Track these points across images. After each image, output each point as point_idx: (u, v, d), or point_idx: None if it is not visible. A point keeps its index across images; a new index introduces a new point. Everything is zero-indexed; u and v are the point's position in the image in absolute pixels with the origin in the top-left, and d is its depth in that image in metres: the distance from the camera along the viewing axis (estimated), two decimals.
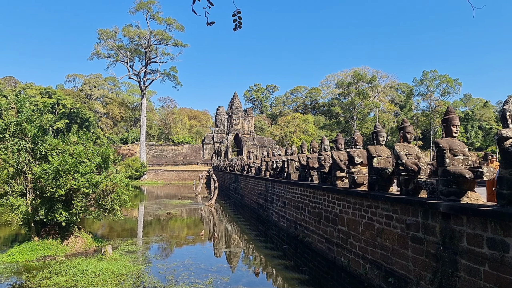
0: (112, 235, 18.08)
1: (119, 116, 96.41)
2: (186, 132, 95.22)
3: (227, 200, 35.24)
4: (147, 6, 61.94)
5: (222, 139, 75.48)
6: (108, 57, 64.71)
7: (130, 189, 14.96)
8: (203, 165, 72.53)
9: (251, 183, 27.81)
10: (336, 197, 12.15)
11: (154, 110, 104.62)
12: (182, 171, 64.89)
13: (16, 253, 12.33)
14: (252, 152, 40.17)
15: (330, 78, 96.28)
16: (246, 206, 29.29)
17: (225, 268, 12.36)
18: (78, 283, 9.59)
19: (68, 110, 73.53)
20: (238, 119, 76.57)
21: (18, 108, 13.50)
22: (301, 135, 78.88)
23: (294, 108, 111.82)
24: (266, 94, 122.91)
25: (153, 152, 74.93)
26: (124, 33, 62.60)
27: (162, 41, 64.43)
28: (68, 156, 13.04)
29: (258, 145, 74.49)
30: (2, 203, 13.16)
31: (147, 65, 66.06)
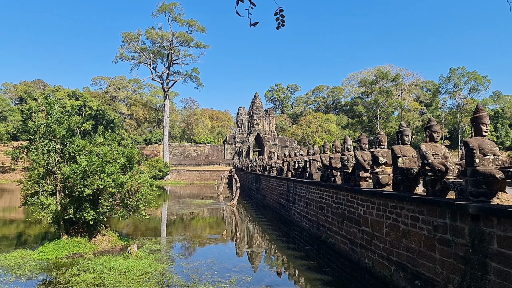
0: (136, 233, 18.45)
1: (143, 117, 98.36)
2: (208, 133, 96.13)
3: (249, 200, 35.33)
4: (169, 8, 62.93)
5: (243, 139, 75.75)
6: (132, 59, 66.14)
7: (154, 189, 15.20)
8: (225, 165, 73.03)
9: (273, 183, 27.78)
10: (360, 198, 11.97)
11: (176, 111, 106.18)
12: (204, 171, 65.54)
13: (46, 250, 12.78)
14: (274, 152, 40.12)
15: (352, 77, 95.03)
16: (268, 206, 29.28)
17: (248, 267, 12.39)
18: (106, 280, 9.84)
19: (94, 111, 75.65)
20: (259, 119, 76.65)
21: (48, 111, 14.00)
22: (323, 135, 78.19)
23: (316, 107, 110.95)
24: (288, 94, 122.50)
25: (176, 153, 76.01)
26: (147, 35, 63.82)
27: (184, 42, 65.30)
28: (95, 156, 13.40)
29: (279, 145, 74.34)
30: (33, 202, 13.68)
31: (170, 66, 67.11)
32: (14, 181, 22.51)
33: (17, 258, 12.18)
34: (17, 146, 69.13)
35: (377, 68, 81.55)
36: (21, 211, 24.42)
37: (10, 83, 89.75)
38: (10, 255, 12.53)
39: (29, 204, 14.01)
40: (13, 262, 11.76)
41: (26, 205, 14.20)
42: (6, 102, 79.25)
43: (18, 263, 11.60)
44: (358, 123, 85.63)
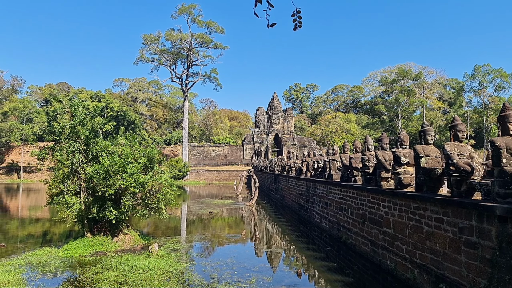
0: (157, 233, 18.71)
1: (163, 118, 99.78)
2: (227, 133, 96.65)
3: (268, 200, 35.30)
4: (189, 10, 63.61)
5: (262, 139, 75.77)
6: (152, 61, 67.20)
7: (174, 189, 15.37)
8: (243, 165, 73.22)
9: (292, 183, 27.67)
10: (381, 198, 11.77)
11: (195, 112, 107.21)
12: (223, 171, 65.92)
13: (71, 248, 13.12)
14: (292, 152, 39.95)
15: (372, 76, 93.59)
16: (286, 206, 29.18)
17: (267, 268, 12.38)
18: (128, 278, 10.02)
19: (116, 113, 77.23)
20: (277, 119, 76.50)
21: (72, 112, 14.38)
22: (342, 135, 77.36)
23: (335, 107, 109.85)
24: (306, 93, 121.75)
25: (195, 153, 76.74)
26: (166, 37, 64.72)
27: (203, 44, 65.88)
28: (117, 157, 13.67)
29: (298, 145, 73.99)
30: (59, 201, 14.07)
31: (189, 68, 67.83)
32: (40, 180, 23.33)
33: (43, 256, 12.56)
34: (43, 147, 71.38)
35: (398, 67, 79.98)
36: (47, 210, 25.16)
37: (36, 86, 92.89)
38: (36, 253, 12.93)
39: (54, 203, 14.42)
40: (39, 259, 12.13)
41: (51, 204, 14.61)
42: (32, 104, 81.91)
43: (44, 261, 11.95)
44: (379, 122, 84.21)
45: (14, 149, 74.45)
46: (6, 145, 72.92)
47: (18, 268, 10.98)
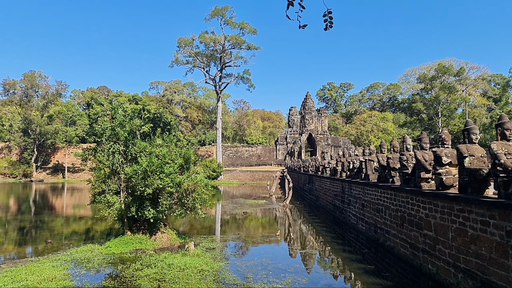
0: (192, 232, 19.06)
1: (197, 119, 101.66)
2: (260, 133, 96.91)
3: (302, 201, 35.02)
4: (222, 12, 64.42)
5: (295, 139, 75.32)
6: (187, 63, 68.66)
7: (209, 189, 15.59)
8: (277, 165, 73.10)
9: (326, 184, 27.28)
10: (421, 200, 11.34)
11: (229, 113, 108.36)
12: (256, 172, 66.15)
13: (112, 245, 13.65)
14: (327, 152, 39.40)
15: (410, 73, 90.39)
16: (321, 207, 28.81)
17: (302, 269, 12.27)
18: (166, 275, 10.28)
19: (152, 115, 79.61)
20: (311, 119, 75.74)
21: (112, 115, 14.96)
22: (378, 134, 75.35)
23: (371, 106, 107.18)
24: (340, 92, 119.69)
25: (229, 153, 77.56)
26: (200, 39, 65.90)
27: (236, 45, 66.49)
28: (155, 157, 14.06)
29: (332, 145, 72.88)
30: (100, 200, 14.69)
31: (222, 69, 68.68)
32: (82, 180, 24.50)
33: (86, 252, 13.15)
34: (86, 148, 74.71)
35: (438, 63, 76.70)
36: (89, 208, 26.35)
37: (79, 90, 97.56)
38: (80, 249, 13.57)
39: (96, 202, 15.07)
40: (83, 255, 12.71)
41: (94, 203, 15.28)
42: (75, 107, 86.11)
43: (87, 257, 12.52)
44: (417, 121, 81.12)
45: (59, 151, 78.64)
46: (52, 147, 77.14)
47: (64, 264, 11.57)
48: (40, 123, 72.98)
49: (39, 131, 72.97)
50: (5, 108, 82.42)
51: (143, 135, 54.09)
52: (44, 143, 74.54)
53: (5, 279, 9.71)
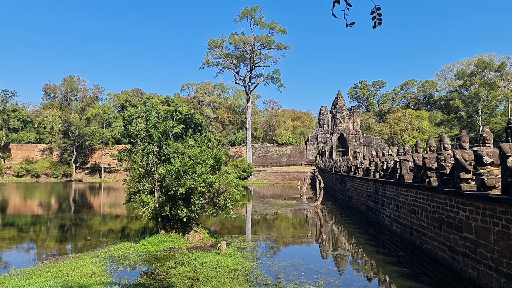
0: (223, 231, 19.23)
1: (227, 119, 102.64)
2: (290, 133, 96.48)
3: (333, 202, 34.51)
4: (251, 13, 64.68)
5: (326, 139, 74.37)
6: (217, 65, 69.49)
7: (240, 189, 15.68)
8: (307, 165, 72.48)
9: (359, 184, 26.73)
10: (461, 201, 10.85)
11: (259, 113, 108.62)
12: (286, 172, 65.88)
13: (147, 244, 14.03)
14: (359, 152, 38.61)
15: (447, 69, 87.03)
16: (353, 208, 28.27)
17: (334, 270, 12.09)
18: (199, 274, 10.44)
19: (184, 116, 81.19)
20: (342, 118, 74.51)
21: (146, 116, 15.38)
22: (413, 133, 72.95)
23: (405, 104, 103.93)
24: (373, 90, 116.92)
25: (259, 153, 77.74)
26: (230, 41, 66.46)
27: (265, 45, 66.55)
28: (187, 158, 14.32)
29: (364, 144, 71.37)
30: (135, 200, 15.15)
31: (252, 70, 68.93)
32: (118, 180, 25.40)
33: (123, 250, 13.60)
34: (121, 149, 77.70)
35: (477, 58, 73.25)
36: (124, 207, 27.22)
37: (114, 93, 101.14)
38: (117, 247, 14.05)
39: (132, 202, 15.55)
40: (120, 253, 13.15)
41: (129, 202, 15.77)
42: (111, 110, 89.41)
43: (124, 254, 12.93)
44: (455, 119, 77.75)
45: (96, 152, 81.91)
46: (90, 148, 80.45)
47: (102, 261, 12.02)
48: (79, 125, 76.30)
49: (78, 133, 76.30)
50: (46, 111, 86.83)
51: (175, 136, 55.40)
52: (83, 144, 77.84)
53: (48, 275, 10.20)
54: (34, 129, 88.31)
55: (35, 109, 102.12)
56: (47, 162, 78.09)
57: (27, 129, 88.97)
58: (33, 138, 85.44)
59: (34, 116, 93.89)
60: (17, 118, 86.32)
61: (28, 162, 77.43)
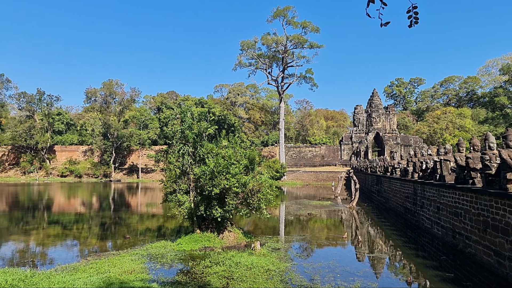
0: (257, 231, 19.27)
1: (260, 120, 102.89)
2: (323, 133, 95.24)
3: (369, 203, 33.68)
4: (284, 12, 64.48)
5: (361, 139, 72.76)
6: (249, 66, 69.83)
7: (273, 189, 15.66)
8: (341, 166, 71.23)
9: (396, 185, 25.91)
10: (508, 204, 10.24)
11: (291, 113, 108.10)
12: (320, 172, 65.07)
13: (183, 242, 14.33)
14: (396, 152, 37.44)
15: (491, 64, 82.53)
16: (390, 209, 27.44)
17: (371, 273, 11.77)
18: (234, 274, 10.52)
19: (217, 117, 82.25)
20: (378, 117, 72.57)
21: (182, 118, 15.71)
22: (455, 132, 69.75)
23: (445, 101, 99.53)
24: (410, 88, 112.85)
25: (292, 154, 77.31)
26: (263, 41, 66.59)
27: (298, 45, 66.11)
28: (221, 158, 14.48)
29: (402, 144, 69.13)
30: (172, 199, 15.51)
31: (284, 70, 68.70)
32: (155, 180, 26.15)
33: (160, 248, 13.96)
34: (158, 150, 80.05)
35: None
36: (160, 206, 27.95)
37: (150, 96, 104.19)
38: (155, 245, 14.45)
39: (168, 201, 15.95)
40: (158, 251, 13.51)
41: (166, 202, 16.17)
42: (147, 112, 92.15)
43: (161, 253, 13.28)
44: (501, 116, 73.51)
45: (133, 153, 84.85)
46: (128, 149, 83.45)
47: (141, 258, 12.40)
48: (117, 127, 79.34)
49: (116, 134, 79.34)
50: (88, 114, 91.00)
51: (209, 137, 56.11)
52: (121, 145, 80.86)
53: (91, 271, 10.66)
54: (77, 131, 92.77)
55: (77, 112, 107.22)
56: (89, 162, 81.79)
57: (70, 131, 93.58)
58: (75, 140, 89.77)
59: (76, 119, 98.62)
60: (61, 121, 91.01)
61: (71, 163, 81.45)
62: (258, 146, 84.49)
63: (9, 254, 14.39)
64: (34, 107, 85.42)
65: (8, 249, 15.37)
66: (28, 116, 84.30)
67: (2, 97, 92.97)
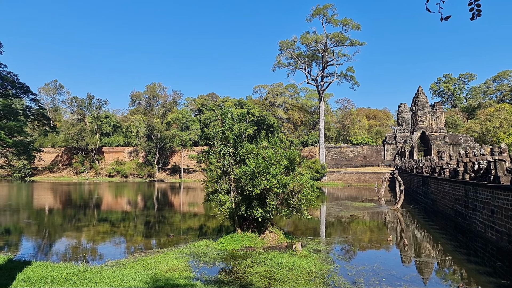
0: (297, 232, 19.09)
1: (299, 120, 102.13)
2: (365, 133, 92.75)
3: (415, 205, 32.31)
4: (323, 11, 63.56)
5: (405, 138, 70.04)
6: (288, 66, 69.47)
7: (314, 190, 15.44)
8: (384, 166, 68.96)
9: (445, 186, 24.64)
10: None
11: (331, 113, 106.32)
12: (362, 173, 63.40)
13: (225, 242, 14.51)
14: (444, 151, 35.60)
15: None
16: (439, 212, 26.13)
17: (419, 278, 11.27)
18: (275, 274, 10.48)
19: (256, 118, 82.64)
20: (424, 116, 69.48)
21: (223, 119, 15.93)
22: (510, 130, 65.19)
23: (499, 97, 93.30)
24: (459, 84, 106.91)
25: (332, 154, 75.99)
26: (302, 41, 66.00)
27: (338, 43, 64.87)
28: (261, 159, 14.50)
29: (450, 143, 65.75)
30: (213, 199, 15.77)
31: (324, 68, 67.68)
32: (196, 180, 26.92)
33: (202, 247, 14.24)
34: (199, 151, 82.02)
35: None
36: (201, 206, 28.54)
37: (191, 98, 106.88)
38: (197, 244, 14.76)
39: (210, 201, 16.23)
40: (200, 250, 13.79)
41: (208, 201, 16.47)
42: (188, 114, 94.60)
43: (204, 251, 13.53)
44: None
45: (176, 153, 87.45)
46: (170, 150, 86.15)
47: (184, 256, 12.72)
48: (160, 129, 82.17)
49: (159, 136, 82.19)
50: (133, 116, 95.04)
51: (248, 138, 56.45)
52: (164, 147, 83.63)
53: (138, 267, 11.08)
54: (123, 133, 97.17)
55: (123, 115, 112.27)
56: (134, 163, 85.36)
57: (117, 133, 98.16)
58: (122, 141, 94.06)
59: (122, 121, 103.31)
60: (108, 123, 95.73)
61: (118, 164, 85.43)
62: (298, 146, 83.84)
63: (63, 249, 15.32)
64: (84, 111, 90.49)
65: (62, 245, 16.37)
66: (79, 119, 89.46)
67: (56, 101, 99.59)
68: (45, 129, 36.01)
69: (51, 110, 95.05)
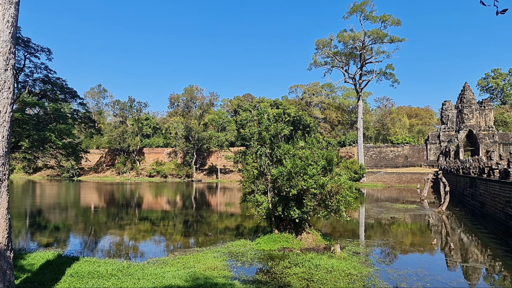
0: (335, 234, 18.74)
1: (336, 120, 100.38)
2: (406, 132, 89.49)
3: (461, 207, 30.72)
4: (361, 8, 62.08)
5: (450, 137, 66.81)
6: (325, 64, 68.48)
7: (353, 191, 15.10)
8: (427, 167, 66.15)
9: (495, 188, 23.22)
10: None
11: (370, 111, 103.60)
12: (403, 174, 61.19)
13: (262, 242, 14.53)
14: (493, 151, 33.58)
15: None
16: (488, 215, 24.68)
17: (466, 284, 10.73)
18: (313, 276, 10.34)
19: (292, 118, 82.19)
20: (470, 113, 65.93)
21: (259, 119, 15.98)
22: None
23: None
24: (510, 79, 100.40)
25: (371, 154, 74.02)
26: (339, 39, 64.84)
27: (377, 40, 63.05)
28: (298, 159, 14.38)
29: (500, 142, 61.93)
30: (250, 199, 15.85)
31: (362, 66, 66.08)
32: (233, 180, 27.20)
33: (240, 247, 14.34)
34: (235, 151, 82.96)
35: None
36: (238, 206, 28.80)
37: (227, 99, 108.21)
38: (235, 244, 14.89)
39: (247, 201, 16.33)
40: (238, 249, 13.90)
41: (245, 202, 16.59)
42: (225, 115, 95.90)
43: (241, 251, 13.62)
44: None
45: (212, 154, 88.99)
46: (207, 151, 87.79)
47: (222, 256, 12.87)
48: (198, 130, 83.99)
49: (197, 137, 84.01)
50: (171, 118, 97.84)
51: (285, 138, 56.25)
52: (201, 147, 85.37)
53: (178, 265, 11.36)
54: (162, 135, 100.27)
55: (162, 117, 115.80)
56: (173, 164, 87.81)
57: (157, 134, 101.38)
58: (161, 142, 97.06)
59: (162, 123, 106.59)
60: (148, 125, 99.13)
61: (157, 164, 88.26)
62: (335, 146, 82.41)
63: (107, 246, 16.04)
64: (126, 113, 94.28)
65: (107, 242, 17.14)
66: (121, 122, 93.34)
67: (100, 105, 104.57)
68: (90, 132, 37.84)
69: (96, 113, 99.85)
